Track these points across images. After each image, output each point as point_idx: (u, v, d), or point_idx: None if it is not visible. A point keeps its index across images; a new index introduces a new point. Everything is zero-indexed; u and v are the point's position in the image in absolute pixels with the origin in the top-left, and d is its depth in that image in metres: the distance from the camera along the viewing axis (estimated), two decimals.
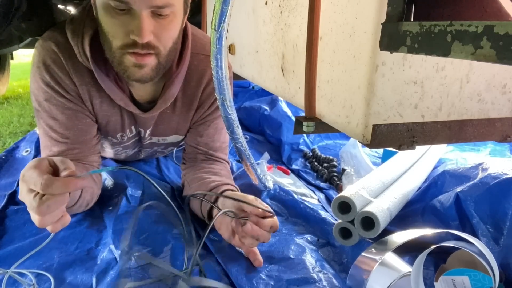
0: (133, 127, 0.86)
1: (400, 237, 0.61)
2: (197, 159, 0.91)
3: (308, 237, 0.76)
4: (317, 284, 0.62)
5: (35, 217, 0.50)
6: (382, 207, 0.70)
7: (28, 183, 0.50)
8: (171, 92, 0.80)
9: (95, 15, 0.68)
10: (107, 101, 0.78)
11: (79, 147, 0.77)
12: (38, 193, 0.49)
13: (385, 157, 1.10)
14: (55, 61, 0.72)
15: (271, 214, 0.66)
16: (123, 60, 0.68)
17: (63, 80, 0.73)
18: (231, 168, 1.06)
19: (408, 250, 0.67)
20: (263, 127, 1.43)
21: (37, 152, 1.16)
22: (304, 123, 0.56)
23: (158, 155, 1.09)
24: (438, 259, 0.67)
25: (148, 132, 0.88)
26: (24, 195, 0.51)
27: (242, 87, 1.87)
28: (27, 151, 1.16)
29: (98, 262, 0.66)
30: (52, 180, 0.49)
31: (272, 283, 0.63)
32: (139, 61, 0.67)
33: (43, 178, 0.49)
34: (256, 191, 0.92)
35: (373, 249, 0.60)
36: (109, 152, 0.97)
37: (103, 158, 1.00)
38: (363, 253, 0.61)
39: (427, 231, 0.59)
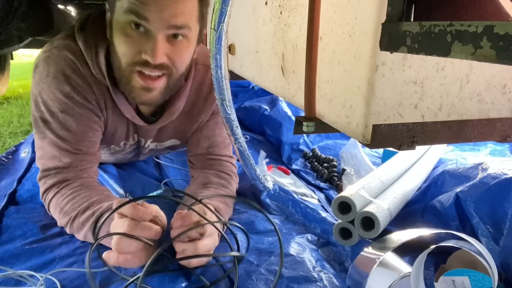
0: (135, 135, 0.86)
1: (398, 236, 0.61)
2: (202, 161, 0.90)
3: (309, 236, 0.76)
4: (317, 283, 0.62)
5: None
6: (382, 207, 0.70)
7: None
8: (177, 106, 0.80)
9: (107, 34, 0.69)
10: (117, 112, 0.78)
11: (87, 159, 0.77)
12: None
13: (385, 157, 1.10)
14: (75, 71, 0.71)
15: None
16: (131, 80, 0.68)
17: (85, 89, 0.72)
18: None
19: (408, 250, 0.67)
20: (263, 127, 1.42)
21: (34, 153, 1.14)
22: (304, 123, 0.56)
23: (158, 154, 1.09)
24: (438, 259, 0.67)
25: (148, 141, 0.89)
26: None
27: (242, 87, 1.87)
28: (25, 152, 1.15)
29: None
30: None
31: (272, 279, 0.63)
32: (148, 84, 0.67)
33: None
34: (256, 191, 0.92)
35: (371, 249, 0.60)
36: (106, 158, 0.97)
37: (100, 163, 1.00)
38: (362, 253, 0.60)
39: (426, 231, 0.59)
